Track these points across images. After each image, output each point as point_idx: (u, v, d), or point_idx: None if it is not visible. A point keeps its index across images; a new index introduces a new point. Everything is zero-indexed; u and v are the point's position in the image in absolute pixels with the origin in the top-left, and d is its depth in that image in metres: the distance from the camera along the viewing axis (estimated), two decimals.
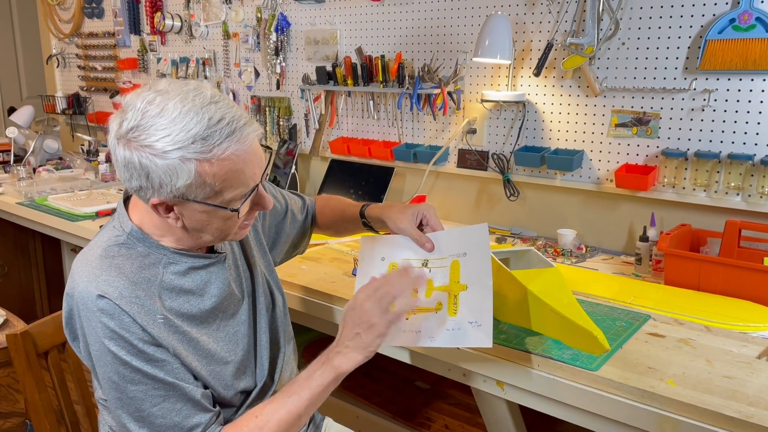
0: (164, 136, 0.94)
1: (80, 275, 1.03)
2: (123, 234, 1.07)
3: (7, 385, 2.93)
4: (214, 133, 0.95)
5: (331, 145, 2.61)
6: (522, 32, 2.06)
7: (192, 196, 0.98)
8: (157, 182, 0.96)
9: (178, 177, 0.95)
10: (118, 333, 1.00)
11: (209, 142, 0.95)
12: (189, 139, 0.94)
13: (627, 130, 1.89)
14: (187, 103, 0.96)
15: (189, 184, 0.96)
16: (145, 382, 1.01)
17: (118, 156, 0.98)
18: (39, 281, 3.48)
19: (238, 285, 1.20)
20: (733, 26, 1.66)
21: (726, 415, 1.03)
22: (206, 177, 0.96)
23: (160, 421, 1.02)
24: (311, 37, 2.63)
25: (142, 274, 1.05)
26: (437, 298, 1.19)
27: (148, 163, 0.95)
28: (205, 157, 0.95)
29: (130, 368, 1.00)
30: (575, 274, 1.73)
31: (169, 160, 0.94)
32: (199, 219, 1.03)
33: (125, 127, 0.96)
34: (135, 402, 1.02)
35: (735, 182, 1.72)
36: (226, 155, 0.96)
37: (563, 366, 1.19)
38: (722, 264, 1.54)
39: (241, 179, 1.00)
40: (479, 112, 2.20)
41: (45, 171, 3.13)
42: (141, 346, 1.01)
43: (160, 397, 1.02)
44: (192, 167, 0.95)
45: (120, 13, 3.49)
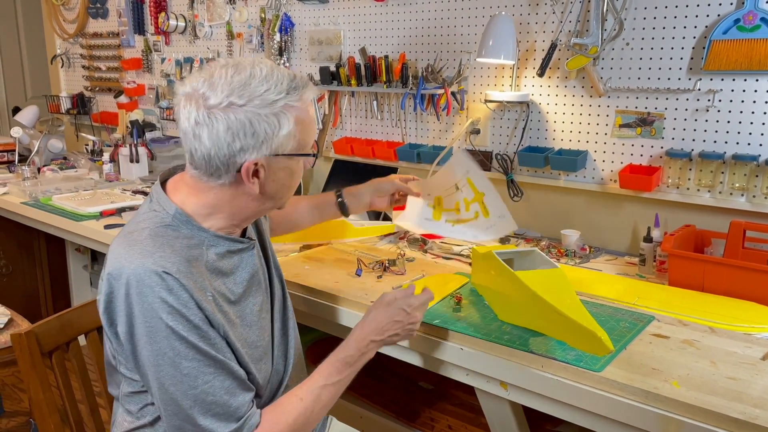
0: (266, 90, 1.04)
1: (130, 254, 1.04)
2: (168, 216, 1.10)
3: (11, 384, 2.94)
4: (298, 85, 1.07)
5: (334, 146, 2.61)
6: (526, 32, 2.06)
7: (283, 149, 1.07)
8: (262, 136, 1.04)
9: (281, 126, 1.05)
10: (176, 308, 1.01)
11: (298, 92, 1.07)
12: (285, 89, 1.05)
13: (631, 131, 1.89)
14: (263, 66, 1.07)
15: (289, 133, 1.06)
16: (199, 359, 1.03)
17: (218, 125, 1.03)
18: (43, 281, 3.49)
19: (262, 273, 1.25)
20: (737, 26, 1.65)
21: (730, 416, 1.03)
22: (299, 125, 1.07)
23: (210, 399, 1.04)
24: (315, 37, 2.63)
25: (191, 253, 1.08)
26: (474, 209, 1.65)
27: (255, 119, 1.03)
28: (298, 105, 1.07)
29: (186, 343, 1.02)
30: (579, 274, 1.73)
31: (276, 109, 1.04)
32: (278, 179, 1.10)
33: (218, 98, 1.03)
34: (188, 379, 1.03)
35: (739, 183, 1.71)
36: (309, 102, 1.09)
37: (567, 367, 1.19)
38: (726, 265, 1.53)
39: (313, 127, 1.13)
40: (483, 113, 2.20)
41: (49, 171, 3.14)
42: (197, 322, 1.03)
43: (211, 375, 1.04)
44: (292, 116, 1.06)
45: (124, 14, 3.50)
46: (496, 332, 1.34)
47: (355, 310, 1.54)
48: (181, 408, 1.04)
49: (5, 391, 2.86)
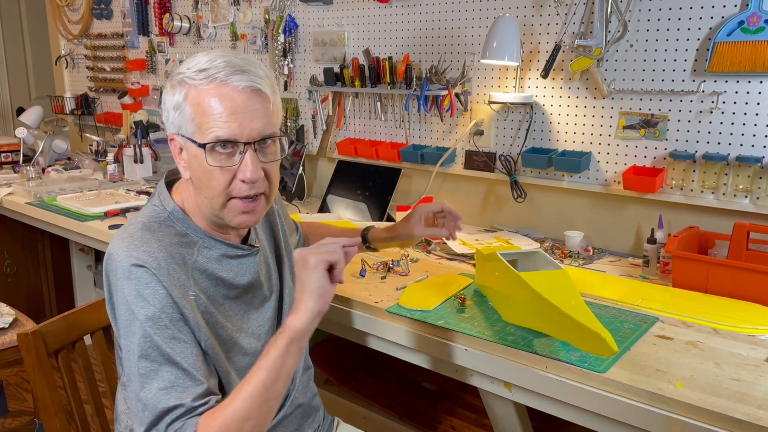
0: (186, 67, 1.06)
1: (119, 244, 1.06)
2: (164, 212, 1.12)
3: (15, 383, 2.94)
4: (214, 66, 1.04)
5: (338, 146, 2.62)
6: (530, 34, 2.06)
7: (184, 130, 1.06)
8: (166, 107, 1.08)
9: (173, 100, 1.06)
10: (150, 302, 1.01)
11: (205, 73, 1.03)
12: (193, 69, 1.05)
13: (635, 132, 1.89)
14: (218, 51, 1.08)
15: (176, 106, 1.06)
16: (160, 361, 1.01)
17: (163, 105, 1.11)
18: (48, 281, 3.50)
19: (267, 281, 1.23)
20: (741, 28, 1.65)
21: (735, 417, 1.03)
22: (188, 104, 1.04)
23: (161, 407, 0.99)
24: (319, 38, 2.63)
25: (179, 250, 1.08)
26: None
27: (165, 93, 1.09)
28: (195, 83, 1.04)
29: (150, 343, 1.01)
30: (582, 275, 1.73)
31: (173, 82, 1.06)
32: (194, 168, 1.07)
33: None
34: (143, 379, 1.01)
35: (743, 184, 1.71)
36: (211, 87, 1.03)
37: (571, 368, 1.20)
38: (730, 266, 1.53)
39: (219, 122, 1.03)
40: (486, 114, 2.20)
41: (54, 171, 3.15)
42: (167, 321, 1.02)
43: (167, 381, 1.00)
44: (183, 91, 1.05)
45: (128, 15, 3.51)
46: (500, 333, 1.34)
47: (360, 310, 1.54)
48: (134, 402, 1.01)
49: (9, 391, 2.87)
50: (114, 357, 1.30)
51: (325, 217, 2.34)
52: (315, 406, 1.35)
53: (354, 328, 1.56)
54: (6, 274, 3.34)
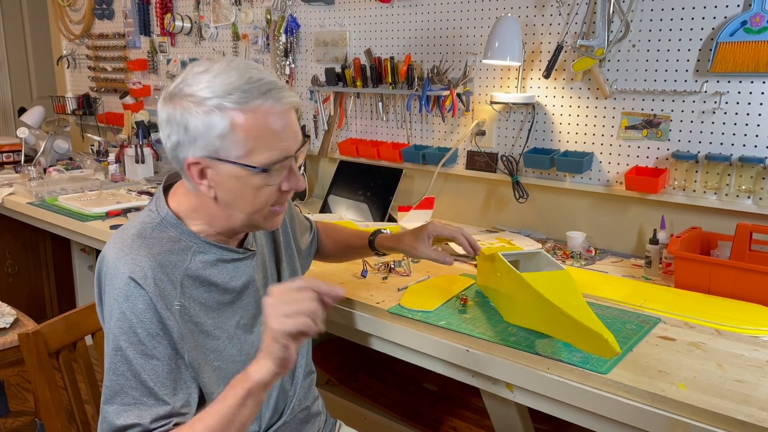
0: (206, 87, 0.99)
1: (111, 250, 1.06)
2: (158, 217, 1.10)
3: (16, 384, 2.95)
4: (252, 88, 0.99)
5: (339, 147, 2.61)
6: (532, 34, 2.06)
7: (224, 153, 1.00)
8: (194, 134, 1.00)
9: (213, 127, 0.98)
10: (128, 317, 1.01)
11: (246, 95, 0.99)
12: (228, 90, 0.98)
13: (637, 133, 1.89)
14: (232, 65, 1.01)
15: (223, 135, 0.99)
16: (127, 377, 1.00)
17: (162, 115, 1.03)
18: (49, 281, 3.51)
19: (264, 286, 1.21)
20: (744, 28, 1.65)
21: (738, 419, 1.03)
22: (239, 130, 0.99)
23: (120, 422, 0.99)
24: (320, 38, 2.63)
25: (170, 258, 1.06)
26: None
27: (187, 115, 0.99)
28: (241, 107, 0.98)
29: (121, 356, 1.00)
30: (584, 276, 1.72)
31: (206, 108, 0.98)
32: (230, 188, 1.04)
33: (172, 87, 1.02)
34: (107, 391, 1.01)
35: (746, 185, 1.71)
36: (261, 110, 0.99)
37: (573, 369, 1.19)
38: (733, 267, 1.53)
39: (273, 142, 1.01)
40: (488, 114, 2.20)
41: (55, 171, 3.15)
42: (143, 336, 1.00)
43: (133, 398, 1.00)
44: (227, 117, 0.98)
45: (130, 15, 3.51)
46: (502, 334, 1.34)
47: (361, 311, 1.54)
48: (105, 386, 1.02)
49: (10, 391, 2.87)
50: None
51: (326, 217, 2.34)
52: (316, 411, 1.35)
53: (355, 329, 1.56)
54: (7, 274, 3.34)
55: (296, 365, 1.27)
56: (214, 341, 1.10)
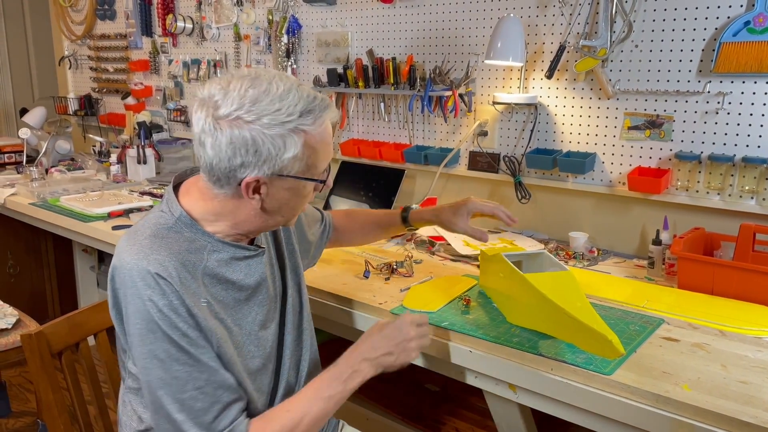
0: (275, 111, 1.01)
1: (129, 253, 1.05)
2: (172, 218, 1.10)
3: (18, 384, 2.95)
4: (315, 107, 1.05)
5: (341, 147, 2.61)
6: (534, 34, 2.05)
7: (288, 170, 1.05)
8: (265, 155, 1.02)
9: (286, 148, 1.02)
10: (165, 313, 1.02)
11: (313, 114, 1.04)
12: (296, 112, 1.02)
13: (640, 133, 1.88)
14: (285, 83, 1.04)
15: (295, 155, 1.04)
16: (191, 363, 1.03)
17: (221, 137, 1.01)
18: (51, 281, 3.51)
19: (272, 281, 1.23)
20: (747, 29, 1.64)
21: (742, 420, 1.02)
22: (308, 149, 1.04)
23: (198, 405, 1.04)
24: (322, 39, 2.63)
25: (189, 257, 1.07)
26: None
27: (258, 137, 1.01)
28: (310, 129, 1.04)
29: (177, 347, 1.02)
30: (587, 277, 1.72)
31: (280, 131, 1.01)
32: (280, 198, 1.08)
33: (227, 110, 1.01)
34: (178, 382, 1.03)
35: (749, 186, 1.70)
36: (324, 127, 1.06)
37: (577, 370, 1.19)
38: (736, 268, 1.53)
39: (328, 152, 1.10)
40: (490, 115, 2.19)
41: (57, 172, 3.15)
42: (185, 329, 1.03)
43: (203, 381, 1.04)
44: (300, 139, 1.03)
45: (132, 15, 3.51)
46: (505, 335, 1.34)
47: (363, 311, 1.53)
48: (168, 413, 1.03)
49: (12, 392, 2.87)
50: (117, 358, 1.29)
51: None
52: None
53: (358, 330, 1.56)
54: (9, 274, 3.34)
55: (301, 359, 1.29)
56: (235, 338, 1.13)
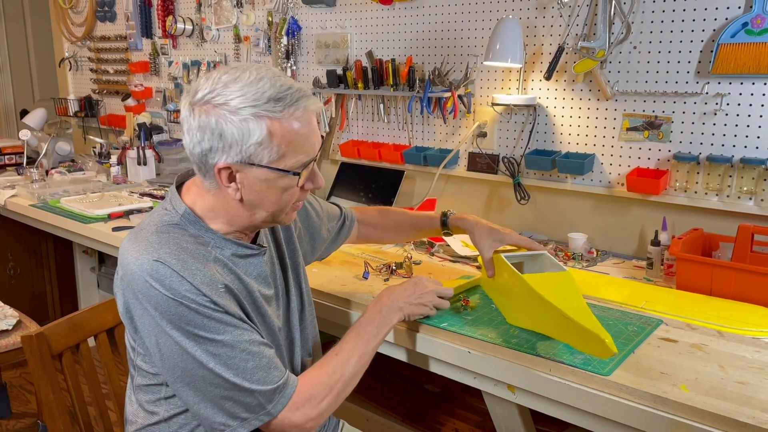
0: (240, 95, 1.03)
1: (136, 251, 1.06)
2: (176, 215, 1.11)
3: (18, 385, 2.95)
4: (285, 96, 1.04)
5: (341, 148, 2.62)
6: (533, 36, 2.06)
7: (258, 159, 1.05)
8: (229, 140, 1.03)
9: (250, 135, 1.03)
10: (187, 295, 1.02)
11: (281, 103, 1.04)
12: (263, 98, 1.03)
13: (638, 134, 1.89)
14: (261, 72, 1.05)
15: (259, 142, 1.03)
16: (230, 330, 1.05)
17: (192, 122, 1.04)
18: (51, 283, 3.51)
19: (273, 279, 1.24)
20: (745, 30, 1.65)
21: (740, 420, 1.03)
22: (275, 138, 1.04)
23: (250, 365, 1.06)
24: (322, 40, 2.63)
25: (198, 249, 1.09)
26: None
27: (223, 122, 1.02)
28: (277, 116, 1.03)
29: (209, 318, 1.04)
30: (586, 278, 1.72)
31: (243, 116, 1.02)
32: (258, 189, 1.08)
33: (200, 95, 1.04)
34: (224, 348, 1.04)
35: (747, 186, 1.71)
36: (295, 117, 1.05)
37: (575, 370, 1.19)
38: (735, 269, 1.53)
39: (305, 145, 1.08)
40: (490, 116, 2.20)
41: (57, 173, 3.15)
42: (209, 313, 1.04)
43: (246, 342, 1.06)
44: (264, 125, 1.03)
45: (132, 17, 3.52)
46: (503, 336, 1.34)
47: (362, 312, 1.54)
48: (225, 380, 1.04)
49: (13, 393, 2.87)
50: (118, 359, 1.30)
51: None
52: None
53: None
54: (10, 276, 3.35)
55: (307, 331, 1.33)
56: (248, 322, 1.13)
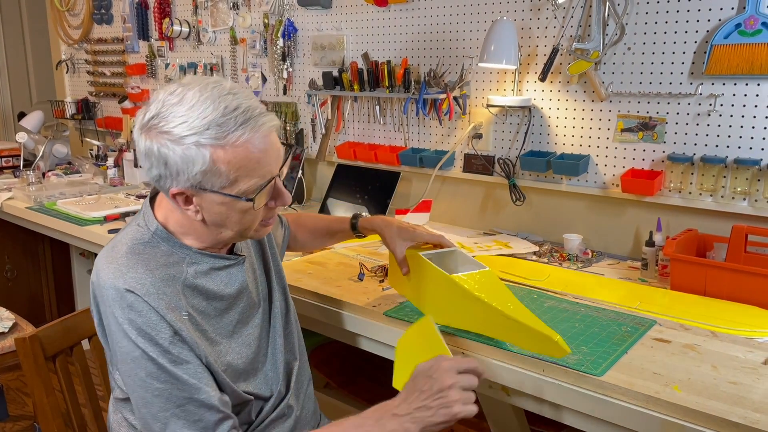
0: (181, 122, 0.97)
1: (106, 272, 1.04)
2: (148, 232, 1.09)
3: (15, 388, 2.95)
4: (228, 120, 0.98)
5: (337, 150, 2.62)
6: (528, 37, 2.06)
7: (209, 185, 1.00)
8: (175, 169, 0.99)
9: (193, 163, 0.98)
10: (145, 330, 1.00)
11: (224, 128, 0.97)
12: (204, 125, 0.97)
13: (633, 135, 1.89)
14: (206, 92, 0.99)
15: (204, 171, 0.99)
16: (171, 382, 1.01)
17: (140, 146, 1.02)
18: (48, 285, 3.51)
19: (255, 288, 1.22)
20: (738, 31, 1.65)
21: (731, 421, 1.03)
22: (220, 164, 0.98)
23: (181, 424, 1.02)
24: (318, 42, 2.64)
25: (168, 271, 1.06)
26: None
27: (165, 150, 0.98)
28: (219, 143, 0.97)
29: (156, 365, 1.00)
30: (581, 278, 1.73)
31: (184, 146, 0.97)
32: (217, 211, 1.04)
33: (146, 117, 1.00)
34: (159, 401, 1.01)
35: (741, 187, 1.71)
36: (240, 142, 0.98)
37: (568, 371, 1.19)
38: (729, 269, 1.53)
39: (257, 169, 1.01)
40: (485, 117, 2.20)
41: (54, 176, 3.16)
42: (166, 345, 1.01)
43: (184, 399, 1.02)
44: (206, 153, 0.97)
45: (129, 19, 3.52)
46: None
47: (357, 314, 1.54)
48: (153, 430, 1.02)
49: (9, 395, 2.87)
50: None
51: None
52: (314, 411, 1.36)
53: (352, 332, 1.56)
54: (6, 278, 3.35)
55: (290, 363, 1.28)
56: (217, 347, 1.11)
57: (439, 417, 0.99)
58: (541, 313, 1.45)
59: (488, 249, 1.97)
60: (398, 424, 1.00)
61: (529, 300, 1.54)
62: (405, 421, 1.00)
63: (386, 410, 1.02)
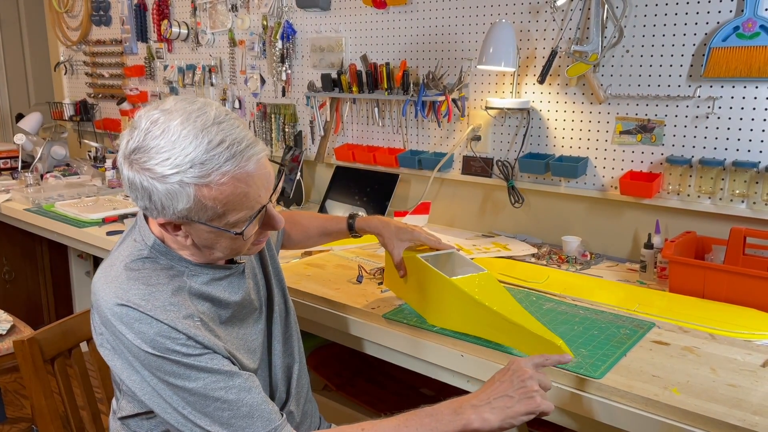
0: (164, 159, 0.94)
1: (106, 293, 1.02)
2: (145, 248, 1.06)
3: (14, 390, 2.94)
4: (212, 157, 0.94)
5: (336, 152, 2.62)
6: (526, 40, 2.07)
7: (195, 218, 0.99)
8: (159, 204, 0.97)
9: (178, 201, 0.96)
10: (159, 341, 0.98)
11: (207, 166, 0.94)
12: (187, 163, 0.93)
13: (631, 137, 1.89)
14: (188, 125, 0.95)
15: (189, 207, 0.97)
16: (203, 376, 0.99)
17: (124, 176, 0.99)
18: (46, 287, 3.50)
19: (256, 294, 1.21)
20: (737, 34, 1.66)
21: (730, 423, 1.03)
22: (206, 201, 0.96)
23: (226, 414, 0.99)
24: (317, 44, 2.64)
25: (172, 284, 1.04)
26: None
27: (149, 186, 0.96)
28: (203, 182, 0.94)
29: (181, 365, 0.98)
30: (580, 281, 1.73)
31: (168, 185, 0.95)
32: (206, 238, 1.03)
33: (130, 146, 0.97)
34: (198, 398, 0.98)
35: (740, 189, 1.71)
36: (225, 180, 0.95)
37: (567, 374, 1.19)
38: (727, 271, 1.53)
39: (245, 202, 0.99)
40: (483, 119, 2.20)
41: (52, 177, 3.15)
42: (184, 350, 0.99)
43: (221, 389, 1.00)
44: (191, 192, 0.95)
45: (127, 21, 3.52)
46: None
47: (356, 316, 1.54)
48: (202, 428, 0.99)
49: (8, 398, 2.87)
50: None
51: None
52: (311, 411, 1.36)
53: (351, 334, 1.56)
54: (4, 280, 3.34)
55: (290, 367, 1.28)
56: (229, 351, 1.10)
57: (522, 406, 0.96)
58: (539, 315, 1.45)
59: (487, 251, 1.98)
60: (476, 415, 0.96)
61: (528, 302, 1.54)
62: (484, 411, 0.96)
63: (462, 402, 0.99)
